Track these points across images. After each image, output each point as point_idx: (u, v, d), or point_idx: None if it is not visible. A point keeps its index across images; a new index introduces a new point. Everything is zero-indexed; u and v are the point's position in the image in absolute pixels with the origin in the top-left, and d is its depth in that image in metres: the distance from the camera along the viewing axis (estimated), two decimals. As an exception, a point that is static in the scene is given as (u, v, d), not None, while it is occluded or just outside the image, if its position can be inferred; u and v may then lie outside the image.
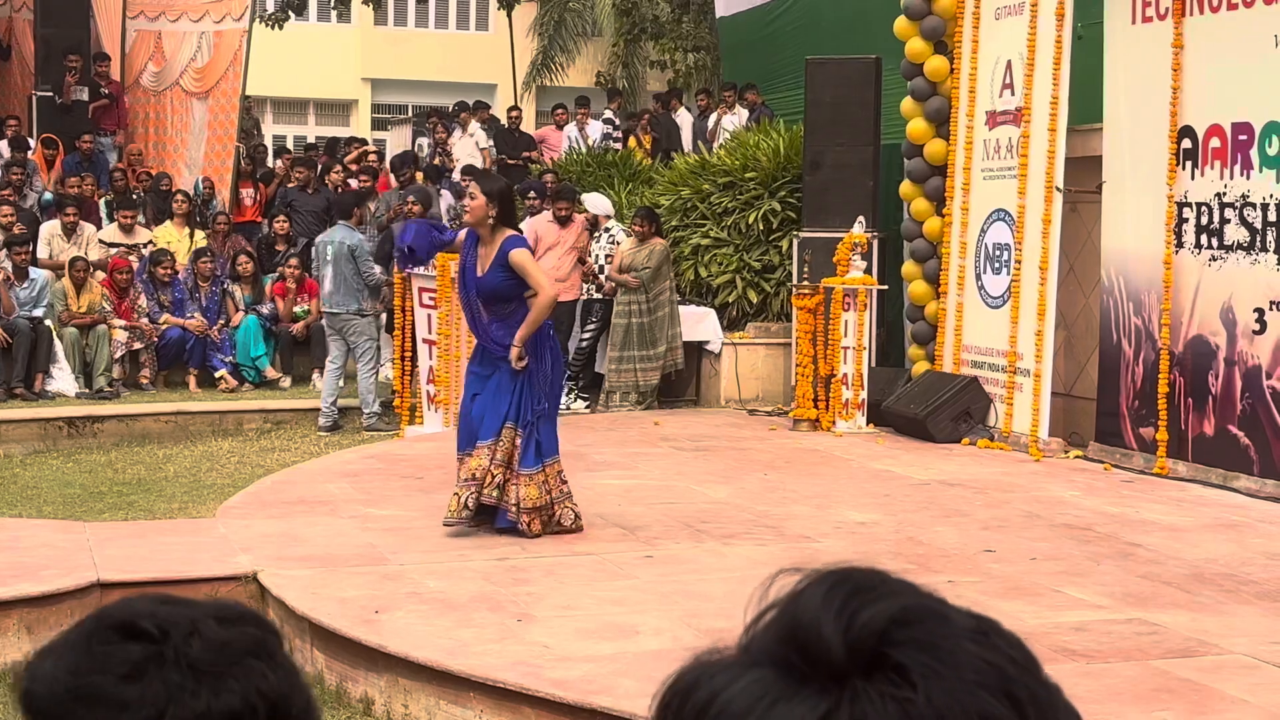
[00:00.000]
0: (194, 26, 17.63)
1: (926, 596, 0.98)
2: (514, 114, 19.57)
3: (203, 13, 17.68)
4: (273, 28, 23.60)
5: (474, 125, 18.50)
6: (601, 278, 13.52)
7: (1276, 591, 6.68)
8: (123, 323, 13.64)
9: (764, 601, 1.00)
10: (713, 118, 17.70)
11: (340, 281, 12.29)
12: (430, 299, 11.87)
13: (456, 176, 17.72)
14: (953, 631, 0.95)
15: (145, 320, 13.82)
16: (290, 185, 16.49)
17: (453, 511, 7.58)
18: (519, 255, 7.54)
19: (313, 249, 13.36)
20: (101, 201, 15.72)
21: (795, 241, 12.85)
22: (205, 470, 10.59)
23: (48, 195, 15.45)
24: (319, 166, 17.30)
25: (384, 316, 13.30)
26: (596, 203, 13.90)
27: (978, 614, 0.99)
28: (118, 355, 13.51)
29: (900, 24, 12.06)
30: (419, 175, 16.50)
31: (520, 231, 8.00)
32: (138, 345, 13.68)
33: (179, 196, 15.32)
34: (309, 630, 6.26)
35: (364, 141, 21.02)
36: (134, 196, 15.76)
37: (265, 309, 14.41)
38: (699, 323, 13.30)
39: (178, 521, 8.50)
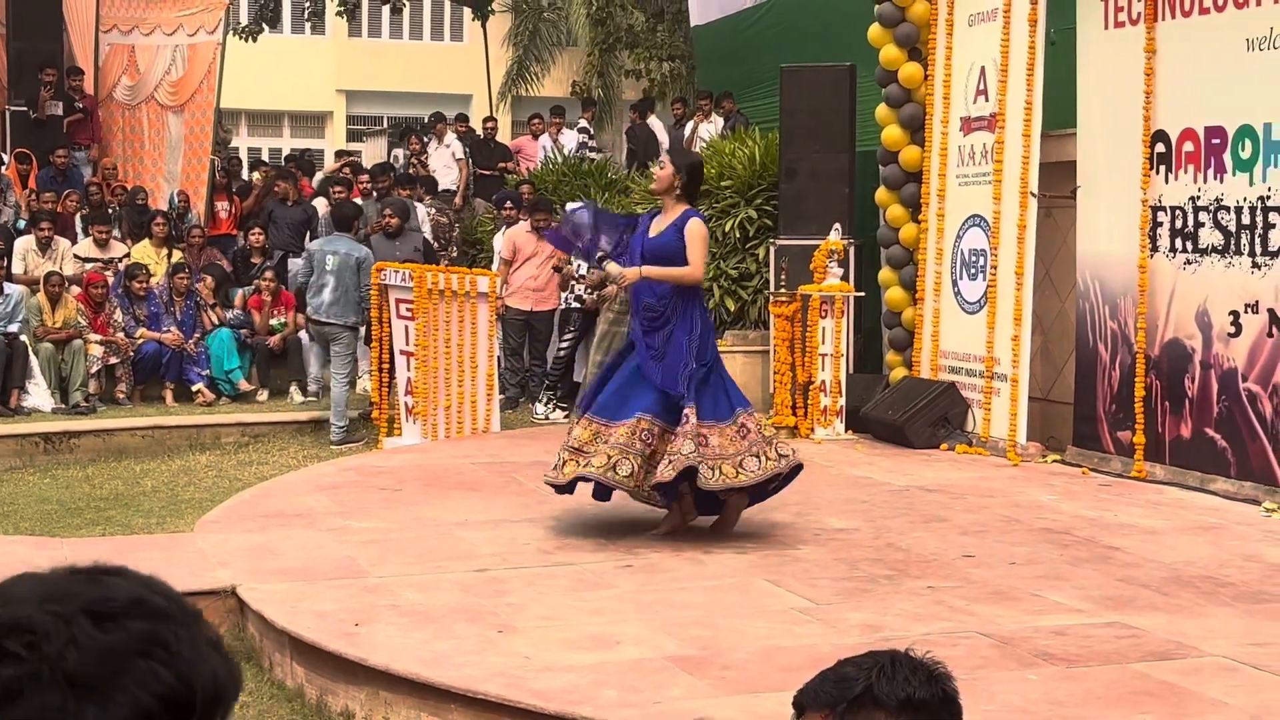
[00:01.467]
0: (168, 40, 17.59)
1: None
2: (489, 125, 19.57)
3: (176, 26, 17.65)
4: (246, 40, 23.58)
5: (450, 136, 18.48)
6: (580, 289, 13.53)
7: (1254, 593, 6.71)
8: (98, 337, 13.58)
9: None
10: (689, 126, 17.73)
11: (342, 293, 12.25)
12: (408, 310, 11.85)
13: (442, 186, 17.71)
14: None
15: (121, 335, 13.77)
16: (272, 197, 16.48)
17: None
18: (696, 225, 7.95)
19: (303, 257, 13.27)
20: (77, 216, 15.67)
21: (772, 249, 12.86)
22: (183, 485, 10.55)
23: (21, 222, 15.38)
24: (297, 178, 17.29)
25: (361, 329, 13.27)
26: None
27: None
28: (94, 370, 13.46)
29: (874, 31, 12.08)
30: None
31: (699, 211, 8.22)
32: (114, 360, 13.63)
33: (159, 219, 15.27)
34: (289, 644, 6.24)
35: (347, 153, 21.05)
36: (109, 211, 15.71)
37: (230, 314, 14.40)
38: (677, 331, 13.29)
39: (155, 536, 8.47)
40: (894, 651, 1.98)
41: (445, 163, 18.08)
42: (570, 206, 8.98)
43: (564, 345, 13.56)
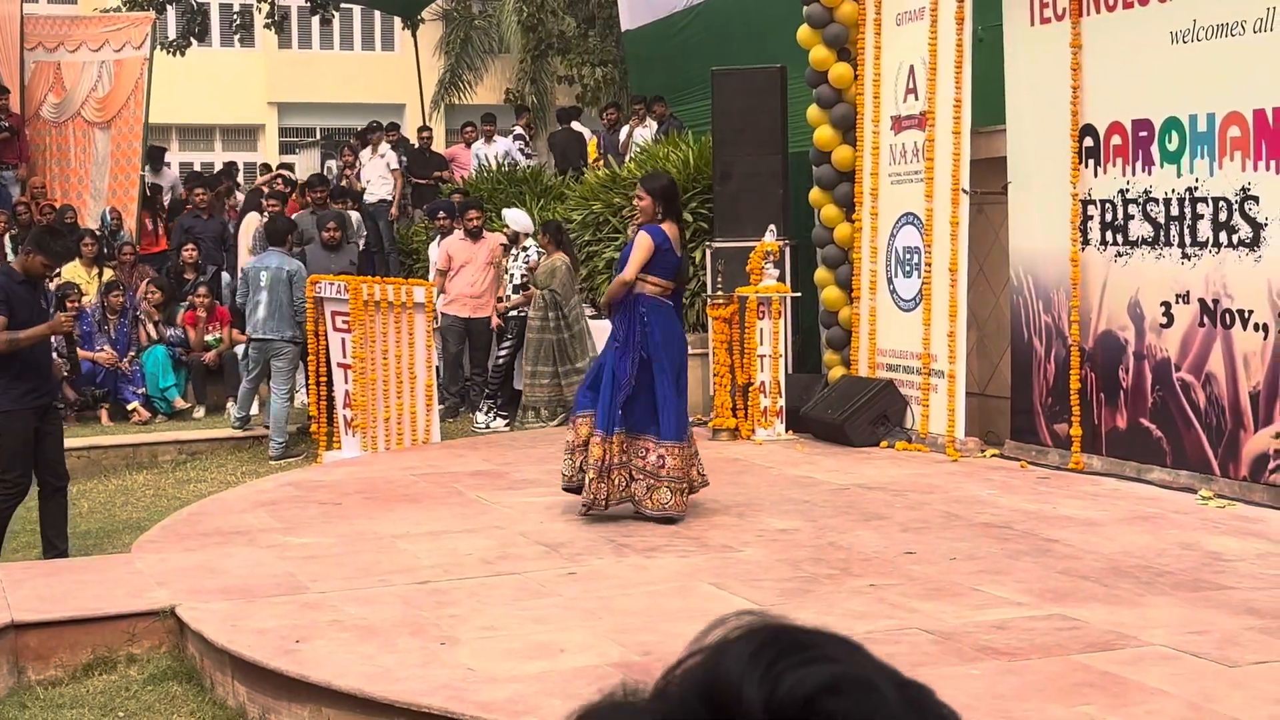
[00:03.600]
0: (94, 56, 17.43)
1: (859, 663, 0.91)
2: (424, 134, 19.47)
3: (102, 42, 17.49)
4: (174, 54, 23.39)
5: (384, 146, 18.33)
6: (503, 305, 13.53)
7: (1192, 581, 6.77)
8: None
9: (696, 644, 0.93)
10: (624, 131, 17.73)
11: (276, 308, 12.16)
12: (343, 323, 11.78)
13: (368, 198, 17.61)
14: (883, 702, 0.89)
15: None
16: (188, 212, 16.38)
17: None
18: (640, 236, 8.47)
19: (239, 274, 13.18)
20: (5, 236, 15.50)
21: (708, 252, 12.89)
22: (120, 505, 10.45)
23: None
24: (218, 191, 17.21)
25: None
26: (518, 219, 13.85)
27: (909, 681, 0.92)
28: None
29: (803, 32, 12.12)
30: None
31: (661, 227, 8.50)
32: (47, 380, 13.47)
33: (87, 239, 15.13)
34: (229, 663, 6.18)
35: (271, 167, 20.89)
36: (38, 230, 15.54)
37: (170, 333, 14.27)
38: (615, 336, 13.28)
39: (93, 558, 8.37)
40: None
41: (380, 173, 17.97)
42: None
43: (502, 354, 13.51)
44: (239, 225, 16.28)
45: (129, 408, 13.76)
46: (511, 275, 13.60)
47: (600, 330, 13.15)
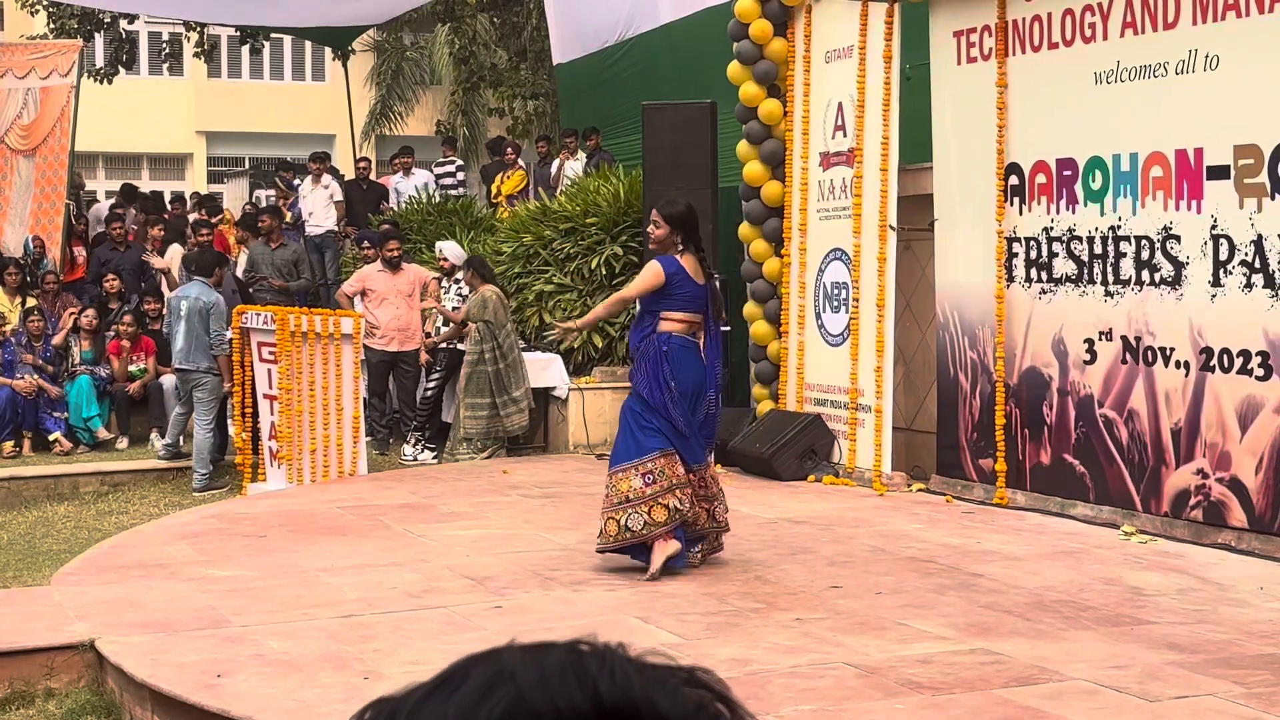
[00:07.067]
0: (19, 83, 17.24)
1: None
2: (362, 164, 19.35)
3: (28, 69, 17.31)
4: (102, 82, 23.23)
5: (327, 177, 18.11)
6: (431, 340, 13.45)
7: (1114, 616, 6.83)
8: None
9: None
10: (555, 164, 17.74)
11: (193, 339, 12.01)
12: (270, 354, 11.69)
13: (313, 230, 17.44)
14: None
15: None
16: (107, 243, 16.27)
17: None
18: (650, 263, 7.98)
19: (166, 304, 13.02)
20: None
21: (637, 285, 12.88)
22: (40, 536, 10.31)
23: None
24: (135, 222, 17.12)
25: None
26: (454, 251, 13.81)
27: None
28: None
29: (733, 69, 12.20)
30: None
31: (675, 257, 7.90)
32: (-33, 410, 13.29)
33: (11, 268, 14.97)
34: (149, 698, 6.10)
35: (208, 197, 20.79)
36: (-40, 258, 15.36)
37: (101, 369, 14.10)
38: (545, 369, 13.27)
39: (11, 591, 8.24)
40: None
41: (323, 203, 17.81)
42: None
43: (431, 385, 13.44)
44: (163, 256, 16.16)
45: (51, 438, 13.57)
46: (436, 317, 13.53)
47: (533, 362, 13.14)
